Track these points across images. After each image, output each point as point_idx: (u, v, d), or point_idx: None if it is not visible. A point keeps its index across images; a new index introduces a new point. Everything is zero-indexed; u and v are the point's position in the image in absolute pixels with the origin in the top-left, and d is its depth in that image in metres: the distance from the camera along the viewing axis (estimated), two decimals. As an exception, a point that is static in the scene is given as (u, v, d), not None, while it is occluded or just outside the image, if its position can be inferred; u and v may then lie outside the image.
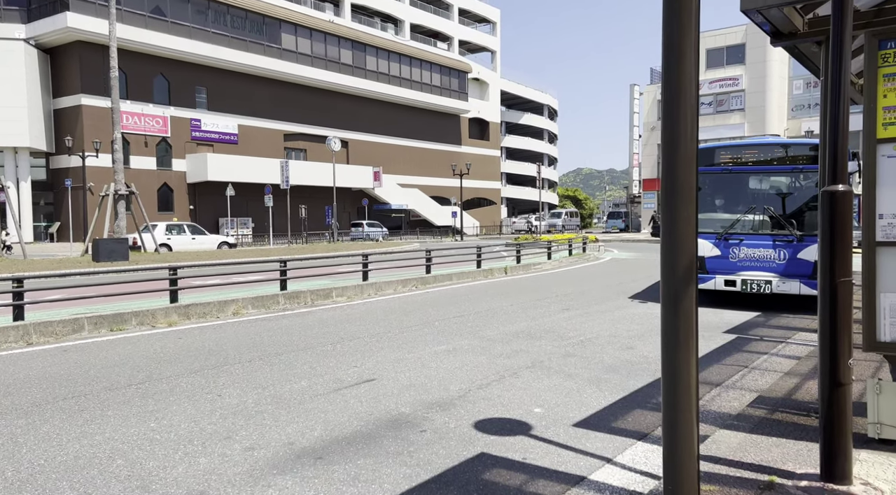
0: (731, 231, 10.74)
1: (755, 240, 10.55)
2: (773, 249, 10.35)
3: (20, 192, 36.21)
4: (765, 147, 10.87)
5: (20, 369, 7.18)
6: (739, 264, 10.61)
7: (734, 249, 10.68)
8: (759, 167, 10.70)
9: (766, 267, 10.45)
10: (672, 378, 3.02)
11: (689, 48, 3.08)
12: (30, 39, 36.05)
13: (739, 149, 10.83)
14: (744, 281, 10.54)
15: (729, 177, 10.95)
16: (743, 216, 10.77)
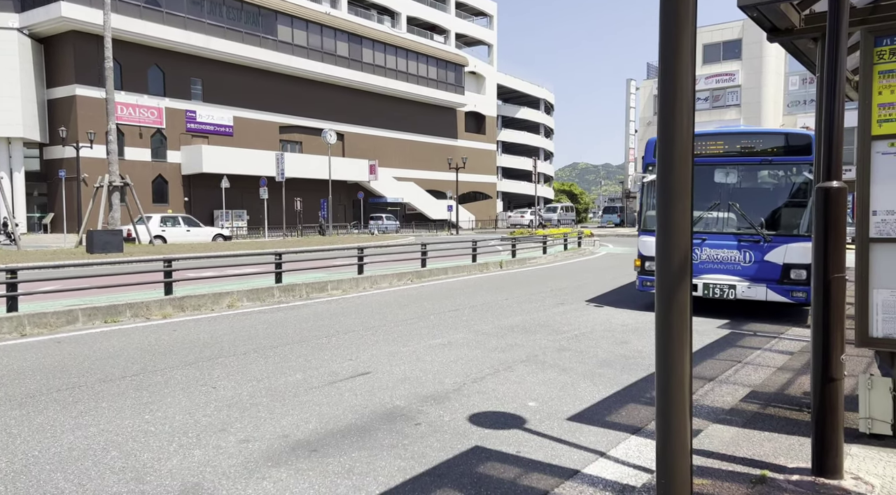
0: (693, 230, 10.57)
1: (718, 240, 9.57)
2: (737, 250, 9.40)
3: (13, 183, 36.01)
4: (732, 136, 9.83)
5: (14, 360, 7.16)
6: (701, 266, 9.62)
7: (695, 250, 9.50)
8: (725, 158, 9.65)
9: (730, 270, 9.46)
10: (666, 372, 3.03)
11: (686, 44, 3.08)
12: (23, 29, 35.77)
13: (704, 139, 9.74)
14: (706, 285, 9.49)
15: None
16: (706, 213, 9.69)
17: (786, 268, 9.08)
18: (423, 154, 57.36)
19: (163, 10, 38.52)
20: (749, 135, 9.80)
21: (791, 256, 9.04)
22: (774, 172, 9.62)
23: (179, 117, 40.14)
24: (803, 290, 8.91)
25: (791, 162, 9.26)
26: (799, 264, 8.97)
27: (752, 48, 46.00)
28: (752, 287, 9.26)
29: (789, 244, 9.08)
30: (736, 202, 9.55)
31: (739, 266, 9.40)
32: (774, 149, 9.38)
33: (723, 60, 47.83)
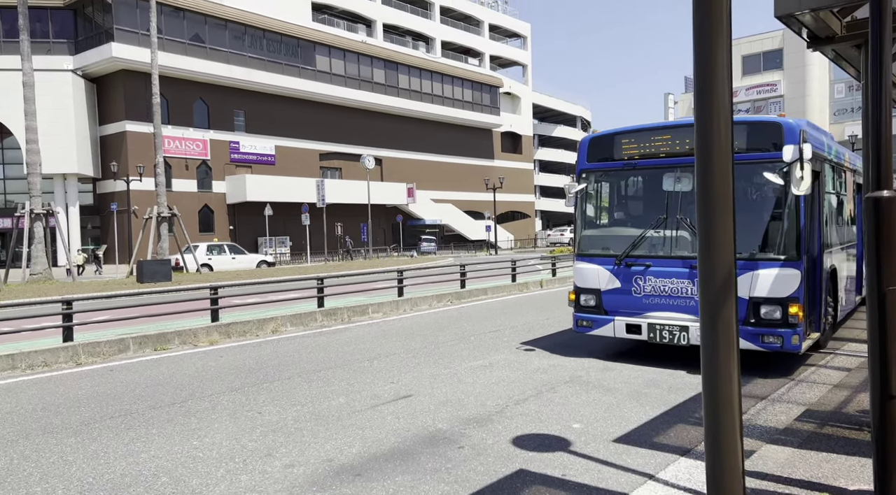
0: (635, 253, 7.55)
1: (666, 266, 7.35)
2: (689, 280, 7.12)
3: (69, 217, 37.51)
4: (682, 129, 7.62)
5: (70, 389, 7.40)
6: (646, 301, 7.47)
7: (638, 279, 7.51)
8: (675, 159, 7.44)
9: (681, 305, 7.21)
10: (713, 391, 2.96)
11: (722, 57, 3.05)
12: (77, 70, 37.51)
13: (648, 135, 7.75)
14: (651, 326, 7.34)
15: (633, 174, 7.90)
16: (650, 231, 7.53)
17: (753, 305, 6.74)
18: (460, 175, 57.63)
19: (206, 45, 39.94)
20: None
21: (760, 287, 6.72)
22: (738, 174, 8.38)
23: (223, 148, 41.33)
24: (778, 334, 6.59)
25: (758, 160, 6.84)
26: (771, 298, 6.64)
27: (794, 57, 45.06)
28: None
29: (757, 271, 6.74)
30: (686, 216, 7.26)
31: (692, 300, 7.10)
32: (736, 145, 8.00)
33: (763, 71, 46.93)
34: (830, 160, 8.23)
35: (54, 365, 8.86)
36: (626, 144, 7.80)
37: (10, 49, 34.23)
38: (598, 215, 8.35)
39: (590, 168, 8.09)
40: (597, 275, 7.85)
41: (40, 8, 36.20)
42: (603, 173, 8.06)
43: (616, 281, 7.67)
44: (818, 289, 7.37)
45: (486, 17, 63.08)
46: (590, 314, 7.90)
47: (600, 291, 7.82)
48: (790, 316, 6.59)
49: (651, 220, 7.57)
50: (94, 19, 37.66)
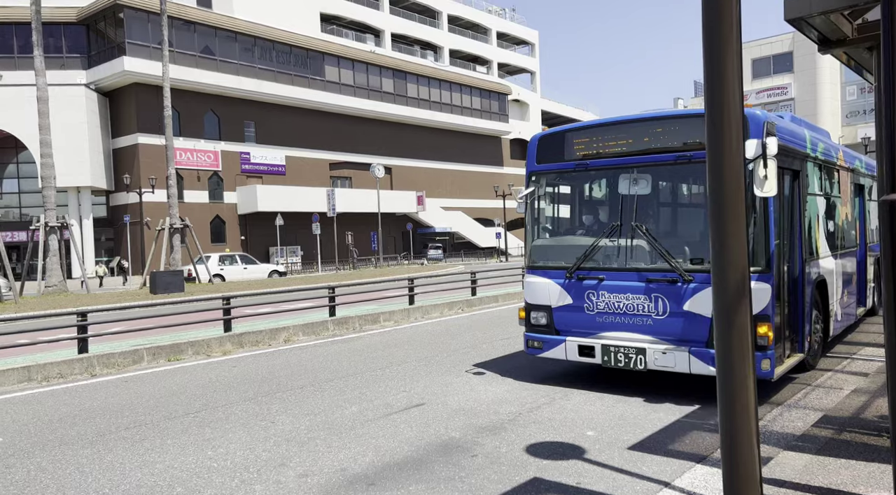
0: (587, 265, 6.72)
1: (620, 279, 6.53)
2: (646, 295, 6.34)
3: (83, 229, 37.86)
4: (638, 124, 6.72)
5: (85, 400, 7.45)
6: (599, 319, 6.64)
7: (591, 295, 6.68)
8: (631, 158, 6.63)
9: (638, 325, 6.41)
10: (728, 397, 2.93)
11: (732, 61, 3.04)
12: (90, 84, 37.96)
13: (601, 131, 6.93)
14: (605, 348, 6.50)
15: (586, 176, 7.09)
16: (605, 239, 6.68)
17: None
18: (469, 183, 57.68)
19: (217, 58, 40.31)
20: (657, 121, 6.60)
21: None
22: (696, 174, 6.46)
23: (234, 159, 41.62)
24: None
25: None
26: None
27: (805, 60, 44.84)
28: (670, 352, 6.15)
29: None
30: (642, 223, 6.49)
31: (650, 319, 6.32)
32: (696, 141, 6.22)
33: (773, 74, 46.72)
34: (815, 158, 7.35)
35: (69, 376, 8.92)
36: (578, 143, 6.99)
37: (24, 64, 34.71)
38: (549, 223, 7.48)
39: (540, 170, 7.28)
40: (547, 290, 6.97)
41: (54, 24, 36.69)
42: (554, 175, 7.26)
43: (567, 296, 6.83)
44: (800, 304, 6.56)
45: (493, 25, 63.30)
46: (540, 334, 7.04)
47: (551, 308, 6.93)
48: (758, 337, 5.69)
49: (605, 228, 6.76)
50: (107, 34, 38.13)
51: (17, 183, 39.35)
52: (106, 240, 40.13)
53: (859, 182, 9.82)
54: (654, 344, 6.30)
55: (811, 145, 7.26)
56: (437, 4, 57.56)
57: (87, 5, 38.28)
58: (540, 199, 7.32)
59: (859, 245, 9.62)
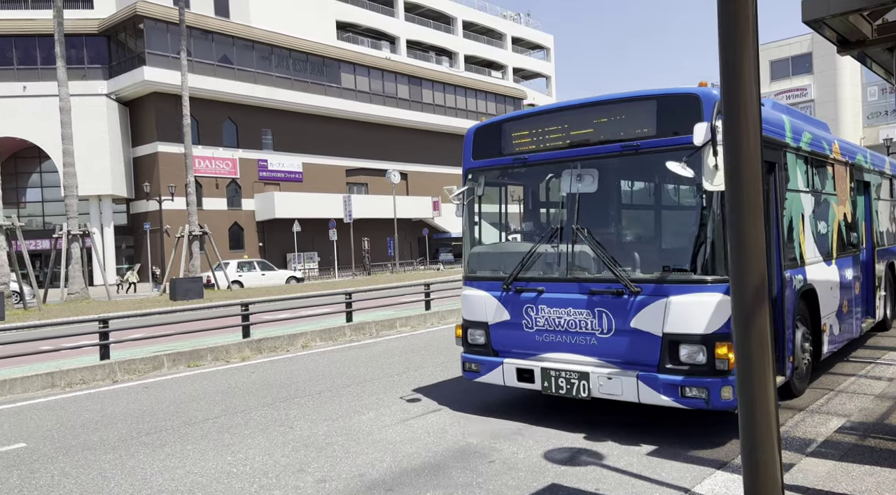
0: (525, 275, 5.84)
1: (561, 291, 5.62)
2: (588, 310, 5.43)
3: (104, 237, 38.41)
4: (580, 111, 5.80)
5: (107, 406, 7.54)
6: (539, 338, 5.73)
7: (529, 309, 5.77)
8: (574, 151, 5.71)
9: (580, 345, 5.50)
10: (749, 403, 2.90)
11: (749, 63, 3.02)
12: (111, 94, 38.58)
13: (540, 120, 6.03)
14: (545, 372, 5.56)
15: (526, 172, 6.28)
16: (545, 245, 5.82)
17: (669, 343, 5.02)
18: (486, 188, 57.71)
19: (234, 67, 40.78)
20: (600, 106, 5.69)
21: (676, 320, 5.00)
22: (646, 167, 5.61)
23: (252, 167, 42.01)
24: (702, 385, 4.84)
25: (670, 146, 5.11)
26: (691, 335, 4.92)
27: (824, 61, 44.34)
28: (616, 377, 5.23)
29: (673, 297, 5.03)
30: (584, 225, 5.57)
31: (594, 338, 5.42)
32: (642, 128, 5.40)
33: (792, 76, 46.26)
34: (798, 149, 6.39)
35: (92, 382, 9.05)
36: (516, 135, 6.12)
37: (47, 75, 35.36)
38: (487, 227, 6.62)
39: (476, 166, 6.40)
40: (484, 304, 6.08)
41: (76, 35, 37.34)
42: (491, 172, 6.37)
43: (505, 312, 5.91)
44: (778, 318, 5.62)
45: (508, 31, 63.36)
46: (478, 355, 6.12)
47: (488, 325, 6.04)
48: (717, 359, 4.79)
49: (545, 232, 5.91)
50: (127, 44, 38.76)
51: (41, 192, 40.09)
52: (126, 248, 40.66)
53: (863, 178, 8.78)
54: (600, 367, 5.36)
55: (792, 134, 6.29)
56: (452, 11, 57.76)
57: (108, 17, 38.96)
58: (477, 200, 6.42)
59: (865, 248, 8.64)
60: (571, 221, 5.61)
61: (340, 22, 48.93)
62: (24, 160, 39.23)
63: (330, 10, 48.25)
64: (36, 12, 38.29)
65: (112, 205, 39.35)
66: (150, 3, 37.25)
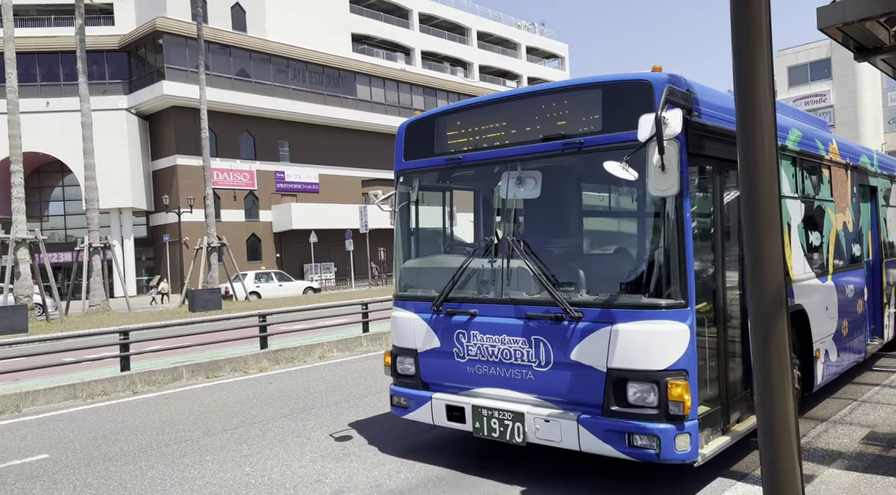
0: (457, 295, 5.04)
1: (495, 314, 4.81)
2: (524, 337, 4.62)
3: (124, 249, 38.93)
4: (516, 102, 5.05)
5: (128, 417, 7.63)
6: (471, 369, 4.91)
7: (461, 335, 4.96)
8: (513, 150, 4.89)
9: (515, 378, 4.69)
10: (768, 414, 2.87)
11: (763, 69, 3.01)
12: (131, 108, 39.23)
13: (475, 115, 5.22)
14: (477, 411, 4.76)
15: (461, 175, 5.55)
16: (478, 260, 5.01)
17: (615, 381, 4.21)
18: (502, 198, 57.72)
19: (251, 80, 41.31)
20: (538, 96, 4.89)
21: (623, 352, 4.20)
22: (591, 168, 4.75)
23: (269, 178, 42.42)
24: (653, 432, 4.02)
25: (618, 144, 4.27)
26: (642, 370, 4.12)
27: (843, 66, 43.88)
28: (554, 420, 4.40)
29: (619, 324, 4.23)
30: (520, 237, 4.85)
31: (531, 371, 4.59)
32: (587, 122, 4.54)
33: (811, 81, 45.83)
34: (784, 148, 5.62)
35: (113, 393, 9.15)
36: (451, 132, 5.31)
37: (69, 91, 36.05)
38: (420, 238, 5.80)
39: (408, 168, 5.59)
40: (413, 328, 5.26)
41: (97, 51, 38.05)
42: (425, 175, 5.56)
43: (435, 337, 5.10)
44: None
45: (522, 40, 63.53)
46: (407, 388, 5.31)
47: (417, 353, 5.22)
48: (671, 401, 3.98)
49: (480, 245, 5.12)
50: (147, 59, 39.43)
51: (63, 205, 40.76)
52: (146, 260, 41.16)
53: (868, 183, 7.89)
54: (537, 407, 4.51)
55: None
56: (466, 21, 58.09)
57: (128, 33, 39.70)
58: (409, 207, 5.61)
59: (871, 261, 7.76)
60: (507, 232, 4.82)
61: (356, 34, 49.37)
62: (46, 174, 39.96)
63: (345, 23, 48.73)
64: (58, 29, 39.12)
65: (132, 218, 39.91)
66: (169, 19, 37.92)
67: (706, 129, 4.33)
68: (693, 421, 4.03)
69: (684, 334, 4.03)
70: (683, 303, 4.08)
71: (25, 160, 23.24)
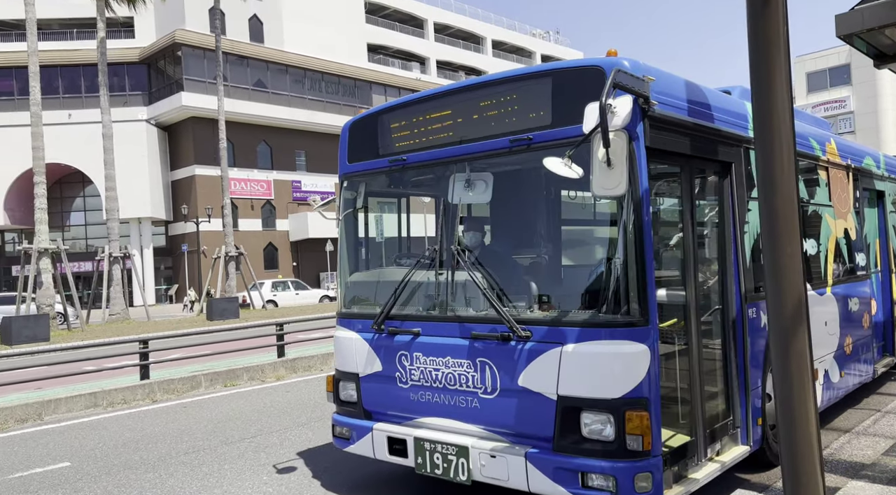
0: (399, 312, 4.53)
1: (439, 334, 4.28)
2: (469, 360, 4.10)
3: (143, 258, 39.41)
4: (460, 95, 4.50)
5: (147, 425, 7.70)
6: (414, 396, 4.38)
7: (403, 358, 4.43)
8: (453, 149, 4.37)
9: (460, 407, 4.16)
10: (789, 425, 2.84)
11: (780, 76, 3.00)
12: (151, 119, 39.84)
13: (419, 110, 4.67)
14: (419, 444, 4.21)
15: (404, 177, 4.99)
16: (422, 273, 4.48)
17: (566, 410, 3.70)
18: (517, 206, 57.70)
19: (269, 91, 41.78)
20: (482, 89, 4.33)
21: (574, 377, 3.69)
22: (540, 167, 3.88)
23: (286, 188, 42.78)
24: (609, 471, 3.51)
25: (570, 139, 3.68)
26: (596, 399, 3.61)
27: (863, 72, 43.40)
28: (501, 455, 3.86)
29: (570, 346, 3.70)
30: (464, 246, 4.48)
31: (476, 399, 4.06)
32: (537, 115, 4.00)
33: (830, 87, 45.38)
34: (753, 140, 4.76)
35: (132, 402, 9.24)
36: (395, 130, 4.78)
37: (90, 103, 36.69)
38: (365, 249, 5.41)
39: (352, 171, 5.15)
40: (354, 349, 4.74)
41: (118, 64, 38.73)
42: (371, 179, 5.10)
43: (376, 360, 4.56)
44: (739, 368, 4.40)
45: (537, 48, 63.64)
46: (349, 416, 4.77)
47: (359, 377, 4.69)
48: (629, 435, 3.46)
49: (424, 256, 4.49)
50: (166, 71, 40.04)
51: (84, 215, 41.39)
52: (165, 269, 41.61)
53: (874, 187, 7.35)
54: (483, 439, 3.97)
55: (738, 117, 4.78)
56: (481, 30, 58.35)
57: (148, 45, 40.34)
58: (353, 214, 5.20)
59: (879, 272, 7.21)
60: (452, 242, 4.35)
61: (371, 44, 49.77)
62: (68, 185, 40.62)
63: (361, 33, 49.14)
64: (80, 43, 39.87)
65: (151, 227, 40.40)
66: (188, 31, 38.49)
67: (672, 122, 3.87)
68: (656, 458, 3.49)
69: (644, 356, 3.51)
70: (643, 320, 3.54)
71: (48, 171, 23.64)
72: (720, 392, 4.37)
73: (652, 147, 3.65)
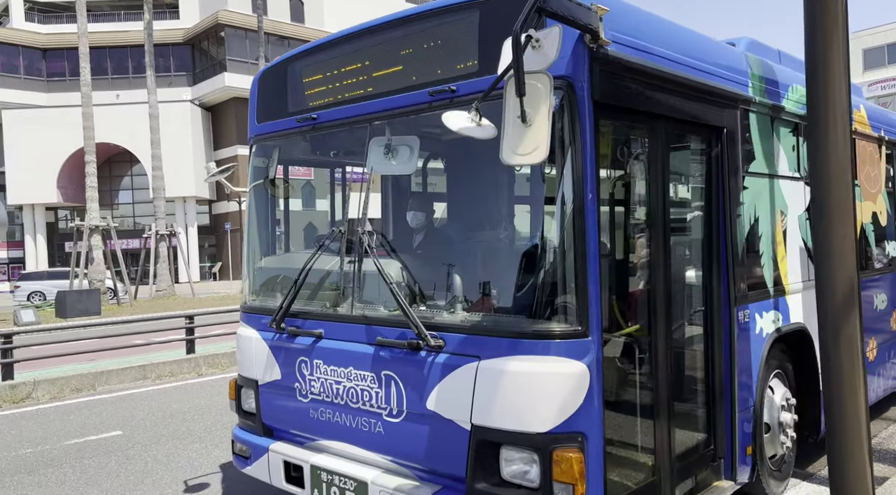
0: (301, 308, 3.65)
1: (342, 336, 3.42)
2: (373, 372, 3.22)
3: (188, 237, 40.44)
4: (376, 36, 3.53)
5: (193, 397, 7.96)
6: (314, 412, 3.54)
7: (303, 364, 3.57)
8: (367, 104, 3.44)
9: (361, 430, 3.32)
10: (838, 413, 2.77)
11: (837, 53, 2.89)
12: (195, 100, 40.59)
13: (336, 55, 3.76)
14: (316, 473, 3.40)
15: (317, 140, 4.22)
16: (326, 260, 3.65)
17: (482, 443, 2.83)
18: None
19: (309, 71, 42.18)
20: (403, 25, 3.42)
21: (491, 401, 2.79)
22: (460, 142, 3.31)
23: (326, 168, 43.27)
24: None
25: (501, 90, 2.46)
26: (518, 433, 2.73)
27: (922, 46, 41.40)
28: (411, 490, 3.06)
29: (487, 361, 2.81)
30: (378, 230, 3.62)
31: (380, 421, 3.23)
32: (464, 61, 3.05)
33: (889, 64, 43.42)
34: (778, 109, 4.06)
35: (179, 375, 9.55)
36: (307, 81, 3.86)
37: (137, 84, 37.58)
38: (274, 229, 4.69)
39: (261, 133, 4.27)
40: (254, 350, 3.93)
41: (163, 45, 39.47)
42: (281, 141, 4.18)
43: (276, 365, 3.75)
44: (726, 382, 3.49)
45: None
46: (248, 432, 3.99)
47: (258, 385, 3.90)
48: (556, 482, 2.66)
49: (326, 239, 3.68)
50: (209, 52, 40.65)
51: (132, 194, 42.59)
52: (209, 247, 42.65)
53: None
54: (387, 473, 3.20)
55: (762, 84, 3.96)
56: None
57: (192, 26, 40.97)
58: (266, 187, 4.35)
59: None
60: (361, 223, 3.44)
61: (411, 23, 49.59)
62: (117, 164, 41.79)
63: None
64: (127, 24, 40.74)
65: (196, 206, 41.36)
66: (230, 12, 38.93)
67: (637, 70, 2.91)
68: None
69: (581, 378, 2.65)
70: (580, 330, 2.67)
71: (97, 151, 24.36)
72: (699, 416, 3.50)
73: (603, 101, 2.73)
